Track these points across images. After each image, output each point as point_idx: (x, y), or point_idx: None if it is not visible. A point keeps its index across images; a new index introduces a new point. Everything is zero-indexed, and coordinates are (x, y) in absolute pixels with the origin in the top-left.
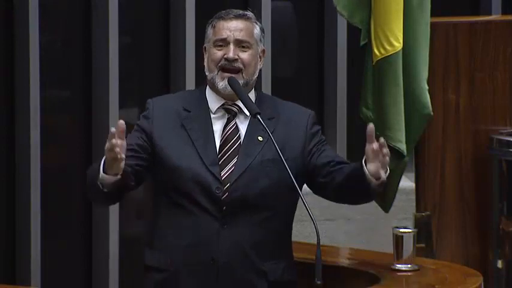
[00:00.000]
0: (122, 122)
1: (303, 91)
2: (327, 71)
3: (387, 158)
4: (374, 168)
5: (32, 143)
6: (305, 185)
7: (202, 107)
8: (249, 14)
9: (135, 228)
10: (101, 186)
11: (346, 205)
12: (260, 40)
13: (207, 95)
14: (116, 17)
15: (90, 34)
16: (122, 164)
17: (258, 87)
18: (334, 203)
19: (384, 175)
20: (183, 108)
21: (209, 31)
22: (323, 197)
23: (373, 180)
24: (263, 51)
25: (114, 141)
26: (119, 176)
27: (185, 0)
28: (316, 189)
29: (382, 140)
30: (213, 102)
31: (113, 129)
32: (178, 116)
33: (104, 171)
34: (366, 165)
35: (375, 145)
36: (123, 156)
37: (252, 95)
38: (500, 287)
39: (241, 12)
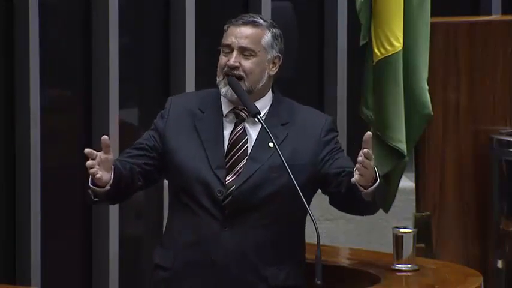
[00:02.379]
0: (105, 137)
1: (303, 91)
2: (327, 71)
3: (365, 169)
4: (355, 175)
5: (32, 142)
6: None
7: (216, 109)
8: (260, 20)
9: (135, 228)
10: (92, 196)
11: None
12: (272, 47)
13: (221, 97)
14: (116, 17)
15: (90, 34)
16: (106, 178)
17: None
18: None
19: (362, 180)
20: (198, 108)
21: (224, 35)
22: (336, 207)
23: (362, 189)
24: (277, 57)
25: (88, 162)
26: (107, 187)
27: (185, 1)
28: (329, 199)
29: (366, 150)
30: (225, 105)
31: (86, 150)
32: (193, 116)
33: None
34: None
35: (361, 155)
36: (99, 174)
37: (268, 98)
38: (500, 287)
39: (252, 18)
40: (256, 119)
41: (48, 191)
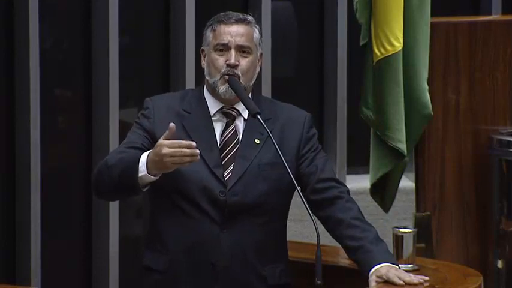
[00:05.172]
0: (173, 124)
1: (303, 91)
2: (327, 71)
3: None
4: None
5: (32, 142)
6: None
7: (202, 109)
8: (249, 18)
9: (135, 228)
10: (140, 186)
11: None
12: (259, 44)
13: (205, 97)
14: (116, 17)
15: (90, 34)
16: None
17: (257, 87)
18: None
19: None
20: (182, 109)
21: (208, 34)
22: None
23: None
24: (261, 55)
25: (195, 151)
26: (158, 176)
27: (185, 1)
28: (309, 205)
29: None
30: (212, 105)
31: (192, 143)
32: (178, 117)
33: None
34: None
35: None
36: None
37: (250, 95)
38: (500, 287)
39: (241, 16)
40: (252, 118)
41: (48, 191)
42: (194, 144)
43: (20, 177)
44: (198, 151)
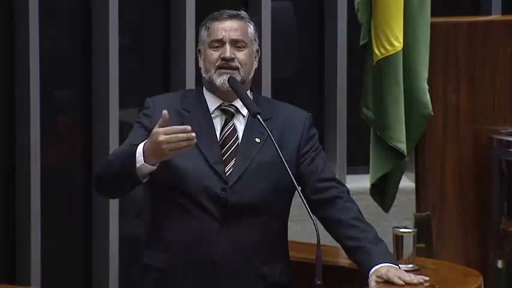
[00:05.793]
0: (165, 111)
1: (303, 91)
2: (327, 71)
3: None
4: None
5: (32, 142)
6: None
7: (202, 108)
8: (243, 13)
9: (135, 228)
10: (139, 178)
11: None
12: (254, 39)
13: (204, 96)
14: (116, 17)
15: (90, 34)
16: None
17: (258, 87)
18: None
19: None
20: (182, 108)
21: (203, 33)
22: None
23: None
24: (257, 50)
25: (191, 134)
26: (155, 166)
27: (185, 1)
28: (309, 206)
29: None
30: (210, 103)
31: (187, 128)
32: (179, 116)
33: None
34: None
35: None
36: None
37: (249, 94)
38: (500, 287)
39: (234, 12)
40: (252, 118)
41: (48, 191)
42: (189, 128)
43: (20, 177)
44: (194, 134)
